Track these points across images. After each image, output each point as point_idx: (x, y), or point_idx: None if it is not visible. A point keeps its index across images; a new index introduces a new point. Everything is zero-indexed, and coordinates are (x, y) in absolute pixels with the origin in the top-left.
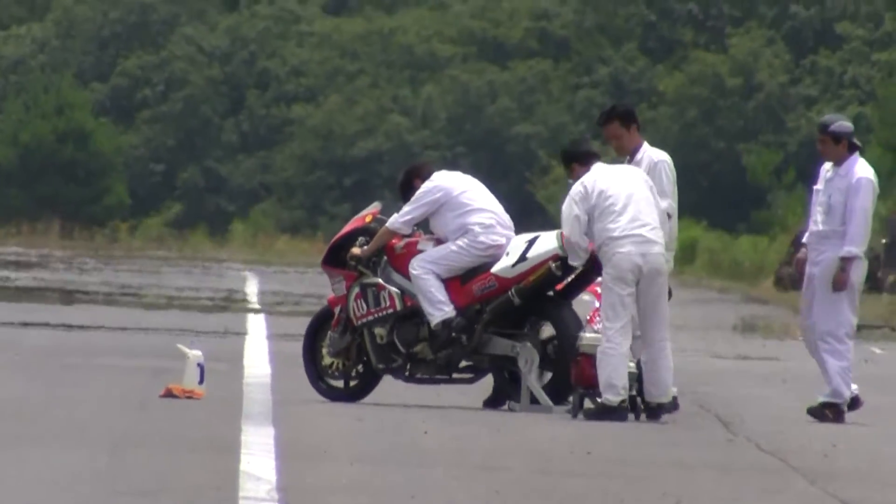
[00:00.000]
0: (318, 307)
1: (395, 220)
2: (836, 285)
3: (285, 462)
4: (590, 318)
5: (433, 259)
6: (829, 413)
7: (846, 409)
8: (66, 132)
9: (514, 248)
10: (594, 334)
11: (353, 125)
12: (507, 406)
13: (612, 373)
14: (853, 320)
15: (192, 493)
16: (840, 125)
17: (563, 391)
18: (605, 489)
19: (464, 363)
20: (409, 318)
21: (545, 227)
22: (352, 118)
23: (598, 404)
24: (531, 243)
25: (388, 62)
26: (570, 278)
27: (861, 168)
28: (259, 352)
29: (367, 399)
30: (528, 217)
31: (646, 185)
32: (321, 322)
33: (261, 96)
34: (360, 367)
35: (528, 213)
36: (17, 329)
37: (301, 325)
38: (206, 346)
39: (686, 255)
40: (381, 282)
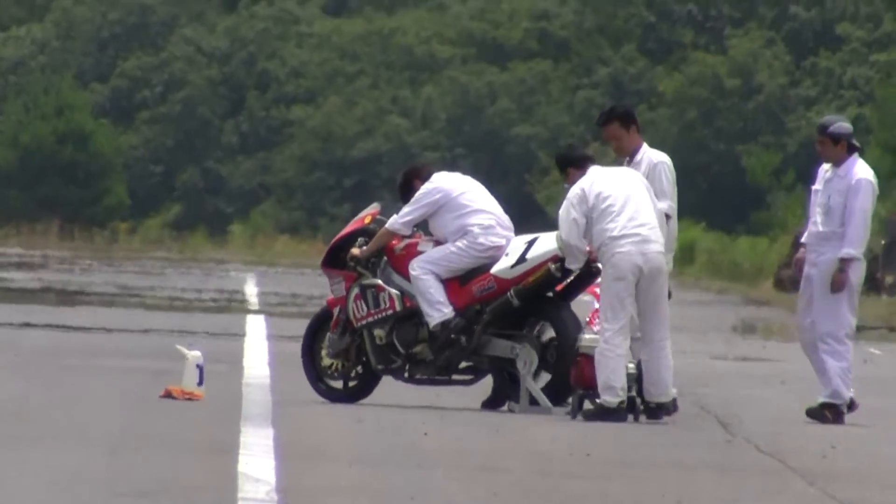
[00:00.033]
0: (318, 308)
1: (395, 221)
2: (835, 286)
3: (284, 463)
4: (589, 319)
5: (433, 260)
6: (828, 414)
7: (845, 410)
8: (66, 133)
9: (513, 250)
10: (593, 335)
11: (353, 126)
12: (506, 407)
13: (611, 374)
14: (853, 321)
15: (192, 494)
16: (839, 126)
17: (563, 392)
18: (604, 490)
19: (463, 364)
20: (408, 319)
21: (544, 228)
22: (351, 119)
23: (597, 405)
24: (530, 244)
25: (387, 63)
26: (569, 279)
27: (860, 169)
28: (258, 353)
29: (366, 400)
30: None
31: (643, 187)
32: (320, 323)
33: (260, 97)
34: (360, 368)
35: (527, 214)
36: (17, 330)
37: (300, 326)
38: (206, 348)
39: (685, 256)
40: (380, 283)
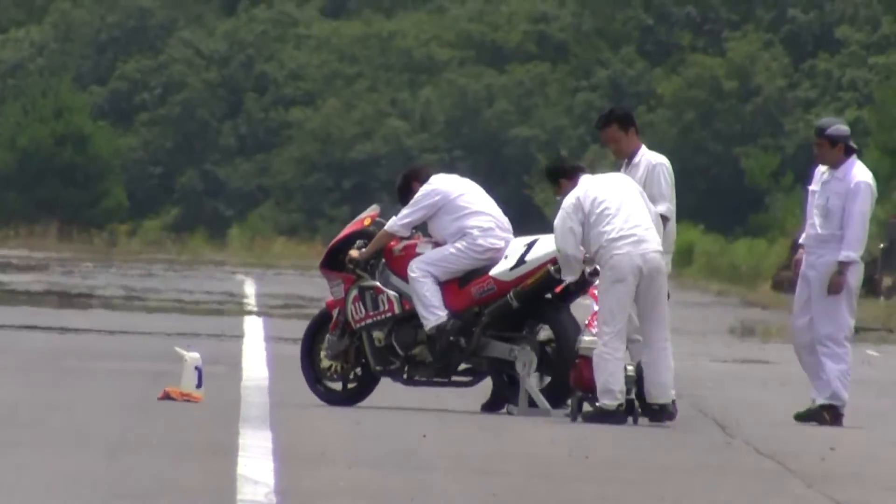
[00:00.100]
0: (317, 310)
1: (394, 223)
2: (832, 288)
3: (283, 465)
4: (588, 321)
5: (431, 261)
6: (827, 416)
7: (843, 413)
8: (65, 135)
9: (512, 252)
10: (593, 337)
11: (352, 128)
12: (505, 409)
13: (609, 378)
14: (852, 323)
15: (190, 497)
16: (837, 129)
17: (562, 394)
18: (603, 493)
19: (462, 366)
20: (407, 321)
21: (543, 230)
22: (350, 121)
23: (596, 408)
24: (529, 246)
25: (386, 66)
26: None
27: (859, 172)
28: (257, 355)
29: (365, 402)
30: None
31: (636, 190)
32: (319, 325)
33: (259, 100)
34: (359, 370)
35: (526, 216)
36: (16, 332)
37: (299, 328)
38: (204, 349)
39: (684, 258)
40: (378, 285)
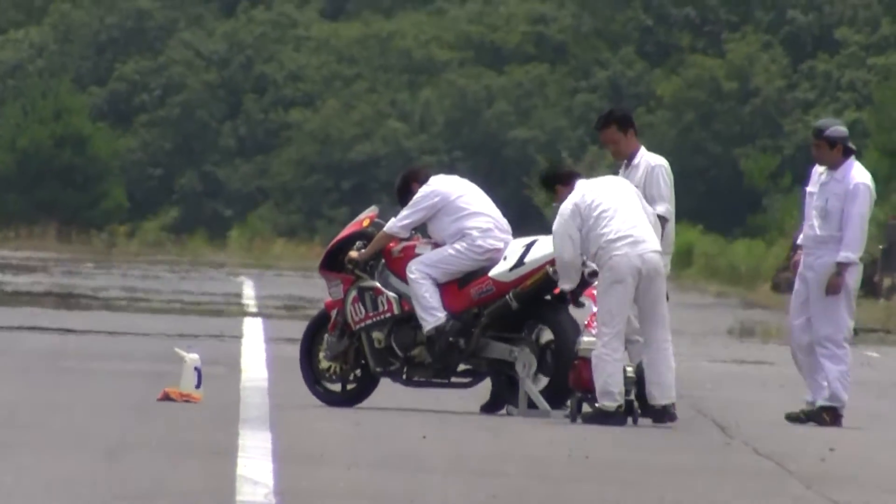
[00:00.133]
0: (316, 311)
1: (393, 224)
2: (830, 289)
3: (282, 466)
4: (587, 322)
5: (431, 262)
6: (826, 417)
7: (843, 414)
8: (64, 137)
9: (511, 253)
10: (592, 338)
11: (351, 129)
12: (504, 410)
13: (608, 379)
14: (851, 325)
15: (190, 497)
16: (835, 130)
17: (561, 395)
18: (602, 494)
19: (462, 367)
20: (406, 322)
21: (542, 231)
22: (349, 122)
23: (596, 409)
24: (529, 247)
25: (385, 67)
26: None
27: (858, 173)
28: (256, 355)
29: (364, 403)
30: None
31: (632, 192)
32: (318, 326)
33: (258, 101)
34: (358, 371)
35: (525, 217)
36: (15, 333)
37: (298, 328)
38: (204, 350)
39: (683, 259)
40: (378, 285)
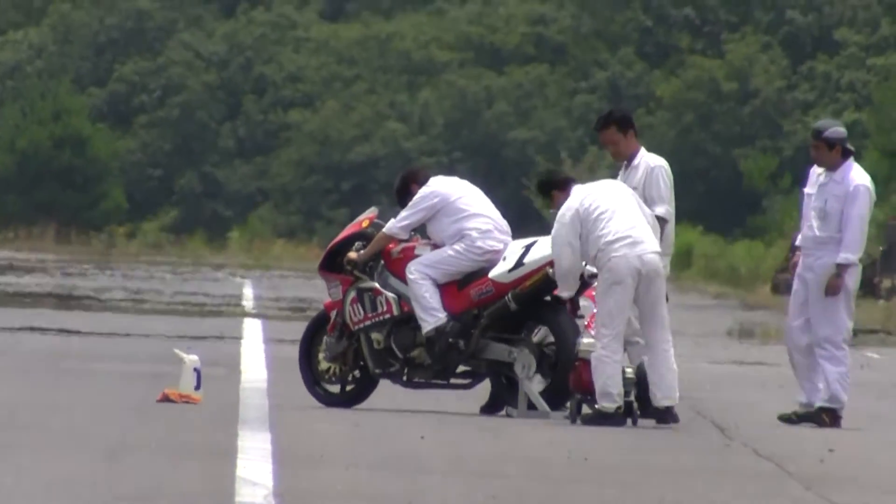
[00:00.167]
0: (315, 312)
1: (393, 225)
2: (829, 290)
3: (282, 467)
4: (587, 323)
5: (430, 263)
6: (825, 418)
7: (842, 415)
8: (63, 138)
9: (511, 254)
10: (591, 339)
11: (350, 130)
12: (504, 412)
13: (608, 380)
14: (850, 326)
15: (189, 498)
16: (834, 131)
17: (561, 396)
18: (602, 495)
19: (461, 368)
20: (405, 322)
21: (542, 232)
22: (349, 124)
23: (595, 410)
24: (528, 248)
25: (384, 68)
26: None
27: (857, 174)
28: (256, 356)
29: (363, 404)
30: (525, 222)
31: (629, 194)
32: (318, 327)
33: (258, 102)
34: (357, 372)
35: (525, 218)
36: (14, 334)
37: (298, 329)
38: (203, 351)
39: (682, 260)
40: (377, 286)
